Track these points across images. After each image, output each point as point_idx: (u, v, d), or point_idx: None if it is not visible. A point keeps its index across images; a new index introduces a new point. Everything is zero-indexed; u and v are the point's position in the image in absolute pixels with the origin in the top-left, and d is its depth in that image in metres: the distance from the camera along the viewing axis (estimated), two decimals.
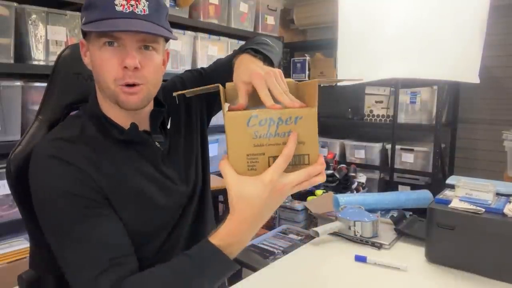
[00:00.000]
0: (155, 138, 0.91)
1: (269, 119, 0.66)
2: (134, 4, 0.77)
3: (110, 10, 0.76)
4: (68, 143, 0.81)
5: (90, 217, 0.75)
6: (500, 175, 2.34)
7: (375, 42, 1.90)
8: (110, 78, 0.79)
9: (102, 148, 0.83)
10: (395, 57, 1.87)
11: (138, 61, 0.78)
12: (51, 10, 1.74)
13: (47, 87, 0.97)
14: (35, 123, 0.96)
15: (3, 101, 1.62)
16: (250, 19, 2.85)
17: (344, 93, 3.27)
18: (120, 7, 0.76)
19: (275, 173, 0.66)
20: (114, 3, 0.76)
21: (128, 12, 0.77)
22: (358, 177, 2.70)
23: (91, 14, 0.78)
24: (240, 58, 0.86)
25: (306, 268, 1.07)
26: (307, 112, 0.66)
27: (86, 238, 0.73)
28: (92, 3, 0.79)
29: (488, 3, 1.77)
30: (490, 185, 1.10)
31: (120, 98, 0.81)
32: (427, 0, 1.81)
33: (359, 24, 1.91)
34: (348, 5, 1.92)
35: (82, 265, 0.72)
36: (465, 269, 1.04)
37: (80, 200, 0.76)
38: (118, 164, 0.83)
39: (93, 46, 0.80)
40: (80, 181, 0.77)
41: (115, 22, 0.76)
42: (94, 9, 0.78)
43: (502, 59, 2.80)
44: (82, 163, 0.78)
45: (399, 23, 1.84)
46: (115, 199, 0.80)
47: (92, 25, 0.77)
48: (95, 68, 0.82)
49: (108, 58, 0.78)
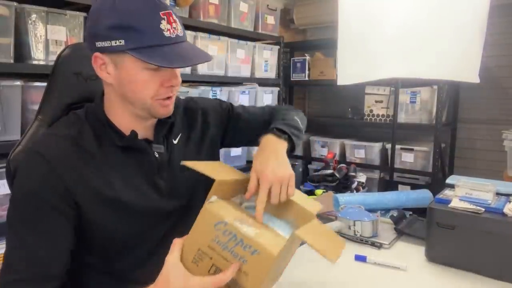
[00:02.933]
0: (155, 148, 0.91)
1: (233, 235, 0.67)
2: (175, 27, 0.79)
3: (160, 37, 0.77)
4: (59, 141, 0.82)
5: (42, 224, 0.77)
6: (500, 175, 2.34)
7: (375, 42, 1.89)
8: (149, 96, 0.81)
9: (94, 153, 0.83)
10: (395, 57, 1.87)
11: None
12: (51, 10, 1.73)
13: (46, 87, 0.97)
14: (35, 123, 0.96)
15: (3, 101, 1.62)
16: (250, 19, 2.85)
17: (344, 93, 3.27)
18: (167, 32, 0.77)
19: (201, 286, 0.68)
20: (160, 28, 0.77)
21: (174, 37, 0.79)
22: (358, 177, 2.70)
23: (137, 39, 0.76)
24: (266, 139, 0.92)
25: (306, 268, 1.07)
26: (267, 252, 0.65)
27: (27, 243, 0.76)
28: (133, 26, 0.76)
29: (488, 3, 1.77)
30: (490, 185, 1.10)
31: (156, 110, 0.84)
32: (427, 0, 1.81)
33: (359, 24, 1.91)
34: (348, 5, 1.91)
35: (10, 264, 0.75)
36: (465, 268, 1.04)
37: (41, 205, 0.77)
38: (104, 170, 0.83)
39: (131, 66, 0.79)
40: (50, 185, 0.78)
41: (170, 49, 0.77)
42: (140, 34, 0.76)
43: (502, 59, 2.80)
44: (62, 165, 0.80)
45: (399, 23, 1.84)
46: (88, 204, 0.81)
47: (146, 52, 0.76)
48: (128, 86, 0.81)
49: (150, 80, 0.80)
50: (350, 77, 1.97)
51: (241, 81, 2.90)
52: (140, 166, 0.88)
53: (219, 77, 2.64)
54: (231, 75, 2.72)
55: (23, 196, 0.78)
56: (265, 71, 3.04)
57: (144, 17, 0.76)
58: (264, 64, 3.02)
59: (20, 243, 0.76)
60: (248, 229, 0.68)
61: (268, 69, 3.07)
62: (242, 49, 2.78)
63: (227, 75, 2.69)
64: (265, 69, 3.04)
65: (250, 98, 2.84)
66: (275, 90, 3.13)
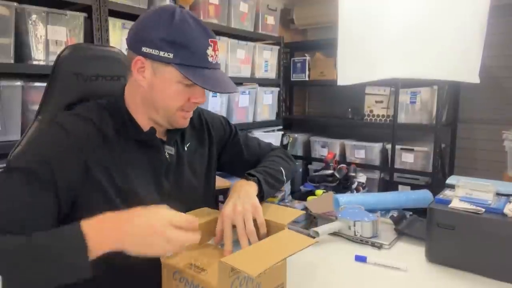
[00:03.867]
0: (167, 149, 0.96)
1: (185, 279, 0.75)
2: (217, 54, 0.89)
3: (204, 60, 0.86)
4: (82, 121, 0.86)
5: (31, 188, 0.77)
6: (500, 175, 2.34)
7: (375, 42, 1.89)
8: (175, 106, 0.89)
9: (113, 142, 0.87)
10: (395, 57, 1.87)
11: None
12: (51, 10, 1.73)
13: (46, 87, 0.97)
14: (35, 123, 0.96)
15: (3, 101, 1.62)
16: (250, 19, 2.85)
17: (344, 93, 3.27)
18: (211, 58, 0.87)
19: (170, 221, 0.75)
20: (207, 53, 0.86)
21: (214, 63, 0.88)
22: (358, 177, 2.70)
23: (184, 56, 0.84)
24: (235, 183, 0.99)
25: (306, 268, 1.06)
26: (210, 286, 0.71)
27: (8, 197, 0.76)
28: (185, 45, 0.84)
29: (488, 3, 1.77)
30: (490, 185, 1.10)
31: (177, 120, 0.92)
32: (427, 1, 1.81)
33: (359, 24, 1.91)
34: (348, 5, 1.91)
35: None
36: (465, 269, 1.04)
37: (45, 169, 0.78)
38: (122, 160, 0.87)
39: (169, 77, 0.86)
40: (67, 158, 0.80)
41: (209, 74, 0.86)
42: (189, 53, 0.84)
43: (502, 59, 2.80)
44: (84, 143, 0.83)
45: (399, 23, 1.84)
46: (98, 190, 0.83)
47: (191, 74, 0.84)
48: (159, 93, 0.88)
49: (181, 93, 0.88)
50: (350, 77, 1.97)
51: (241, 81, 2.90)
52: (150, 164, 0.92)
53: None
54: (231, 75, 2.72)
55: (34, 158, 0.79)
56: (265, 71, 3.04)
57: (196, 40, 0.85)
58: (264, 64, 3.02)
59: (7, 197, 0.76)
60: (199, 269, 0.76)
61: (268, 69, 3.07)
62: (242, 49, 2.78)
63: (227, 75, 2.69)
64: (265, 69, 3.04)
65: (250, 98, 2.84)
66: (275, 90, 3.14)
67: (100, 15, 1.89)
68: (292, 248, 0.75)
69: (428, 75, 1.93)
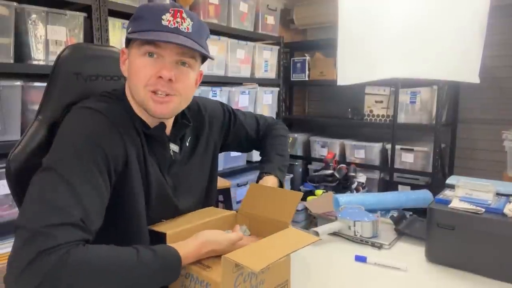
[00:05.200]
0: (172, 146, 0.96)
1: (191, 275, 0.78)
2: (179, 21, 0.83)
3: (157, 23, 0.82)
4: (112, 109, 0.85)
5: (93, 178, 0.74)
6: (500, 175, 2.34)
7: (375, 42, 1.89)
8: (141, 83, 0.84)
9: (131, 129, 0.86)
10: (395, 57, 1.87)
11: (173, 74, 0.83)
12: (51, 10, 1.73)
13: (46, 87, 0.97)
14: (35, 123, 0.96)
15: (3, 101, 1.62)
16: (250, 19, 2.85)
17: (344, 93, 3.27)
18: (166, 22, 0.82)
19: None
20: (161, 17, 0.82)
21: (173, 28, 0.83)
22: (358, 177, 2.70)
23: (138, 25, 0.84)
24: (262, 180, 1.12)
25: (306, 268, 1.06)
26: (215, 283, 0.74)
27: (76, 190, 0.71)
28: (140, 15, 0.85)
29: (489, 3, 1.77)
30: (490, 185, 1.10)
31: (149, 105, 0.85)
32: (428, 1, 1.81)
33: (359, 24, 1.91)
34: (348, 5, 1.91)
35: (55, 207, 0.68)
36: (465, 269, 1.04)
37: (101, 159, 0.76)
38: (144, 152, 0.87)
39: (134, 54, 0.85)
40: (115, 143, 0.80)
41: (159, 34, 0.81)
42: (142, 20, 0.84)
43: (502, 59, 2.80)
44: (122, 129, 0.83)
45: (399, 23, 1.84)
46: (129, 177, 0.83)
47: (137, 34, 0.83)
48: (130, 75, 0.87)
49: (145, 66, 0.83)
50: (350, 77, 1.97)
51: (241, 81, 2.90)
52: (156, 160, 0.92)
53: (219, 77, 2.64)
54: (231, 75, 2.72)
55: (83, 141, 0.76)
56: (265, 71, 3.04)
57: (151, 10, 0.84)
58: (264, 64, 3.02)
59: (68, 188, 0.71)
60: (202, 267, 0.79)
61: (268, 69, 3.07)
62: (242, 49, 2.78)
63: (227, 75, 2.69)
64: (265, 69, 3.04)
65: (250, 98, 2.84)
66: (275, 90, 3.14)
67: (100, 15, 1.89)
68: (295, 245, 0.76)
69: (428, 75, 1.93)
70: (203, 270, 0.77)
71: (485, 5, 1.77)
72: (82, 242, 0.68)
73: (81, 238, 0.68)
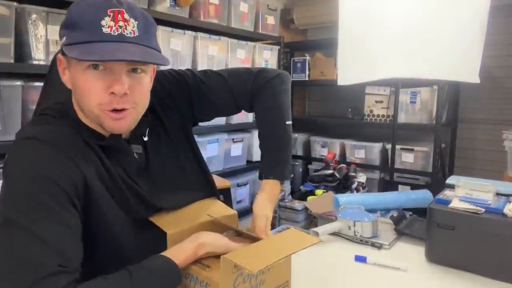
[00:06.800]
0: (134, 149, 0.86)
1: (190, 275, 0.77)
2: (122, 25, 0.71)
3: (96, 33, 0.70)
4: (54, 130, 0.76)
5: (56, 215, 0.68)
6: (500, 175, 2.34)
7: (375, 42, 1.89)
8: (93, 102, 0.74)
9: (81, 147, 0.77)
10: (395, 57, 1.87)
11: (127, 87, 0.73)
12: (51, 10, 1.73)
13: (43, 87, 0.97)
14: None
15: (3, 101, 1.62)
16: (250, 19, 2.85)
17: (344, 93, 3.27)
18: (108, 29, 0.70)
19: None
20: (101, 24, 0.70)
21: (116, 35, 0.71)
22: (358, 177, 2.70)
23: (74, 35, 0.71)
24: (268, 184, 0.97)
25: (306, 268, 1.06)
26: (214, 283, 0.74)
27: (45, 238, 0.65)
28: (75, 22, 0.71)
29: (488, 3, 1.77)
30: (490, 185, 1.10)
31: (106, 123, 0.76)
32: (427, 0, 1.81)
33: (359, 24, 1.91)
34: (348, 5, 1.91)
35: (30, 264, 0.64)
36: (465, 269, 1.04)
37: (57, 191, 0.69)
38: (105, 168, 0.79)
39: (75, 67, 0.74)
40: (66, 170, 0.71)
41: (103, 46, 0.70)
42: (79, 30, 0.71)
43: (502, 59, 2.80)
44: (70, 151, 0.74)
45: (400, 23, 1.84)
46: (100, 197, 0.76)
47: (76, 48, 0.70)
48: (77, 90, 0.76)
49: (93, 82, 0.72)
50: (350, 77, 1.97)
51: None
52: (121, 167, 0.82)
53: None
54: None
55: (34, 181, 0.68)
56: None
57: (87, 12, 0.71)
58: (264, 64, 3.02)
59: (35, 239, 0.65)
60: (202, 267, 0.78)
61: None
62: (242, 49, 2.78)
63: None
64: None
65: None
66: None
67: None
68: (295, 246, 0.76)
69: (428, 75, 1.93)
70: (203, 270, 0.77)
71: (485, 5, 1.77)
72: (71, 284, 0.65)
73: (67, 282, 0.65)
